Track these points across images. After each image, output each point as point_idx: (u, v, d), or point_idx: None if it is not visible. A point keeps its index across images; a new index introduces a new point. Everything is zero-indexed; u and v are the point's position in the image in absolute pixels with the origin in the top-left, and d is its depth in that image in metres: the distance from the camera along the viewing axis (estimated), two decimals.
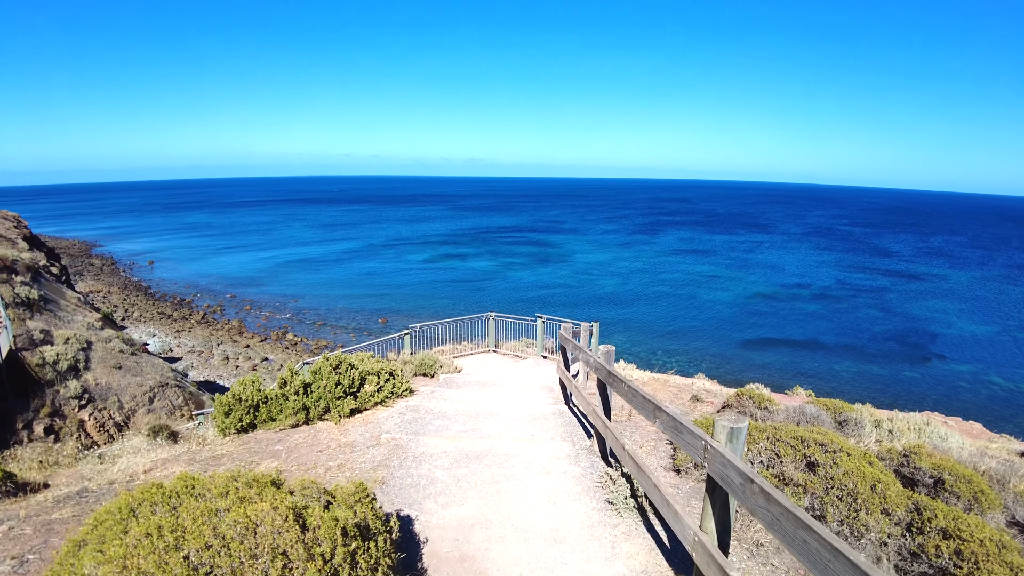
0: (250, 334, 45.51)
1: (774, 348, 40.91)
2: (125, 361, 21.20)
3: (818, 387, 23.16)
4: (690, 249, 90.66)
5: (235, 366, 39.01)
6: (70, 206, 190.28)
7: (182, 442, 6.52)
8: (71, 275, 63.48)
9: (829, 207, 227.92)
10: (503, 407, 7.30)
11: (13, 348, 19.76)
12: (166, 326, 47.48)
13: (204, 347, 42.92)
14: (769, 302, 54.38)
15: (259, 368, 38.60)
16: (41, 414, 19.34)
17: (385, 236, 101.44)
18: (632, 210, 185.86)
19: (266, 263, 71.60)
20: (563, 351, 7.78)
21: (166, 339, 44.21)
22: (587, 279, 64.27)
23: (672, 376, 13.15)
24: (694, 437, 2.98)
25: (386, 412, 7.02)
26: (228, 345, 43.38)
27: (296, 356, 40.08)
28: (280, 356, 40.81)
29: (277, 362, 39.28)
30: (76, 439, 17.43)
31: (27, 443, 18.55)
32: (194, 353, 41.54)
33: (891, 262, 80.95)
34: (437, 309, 49.40)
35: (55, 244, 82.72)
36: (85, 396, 19.44)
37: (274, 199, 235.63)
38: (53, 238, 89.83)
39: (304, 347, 42.37)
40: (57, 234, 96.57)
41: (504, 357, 14.52)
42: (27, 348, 20.24)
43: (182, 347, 42.86)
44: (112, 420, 19.69)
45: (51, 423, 19.30)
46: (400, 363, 10.28)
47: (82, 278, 61.86)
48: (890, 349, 41.57)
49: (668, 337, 42.89)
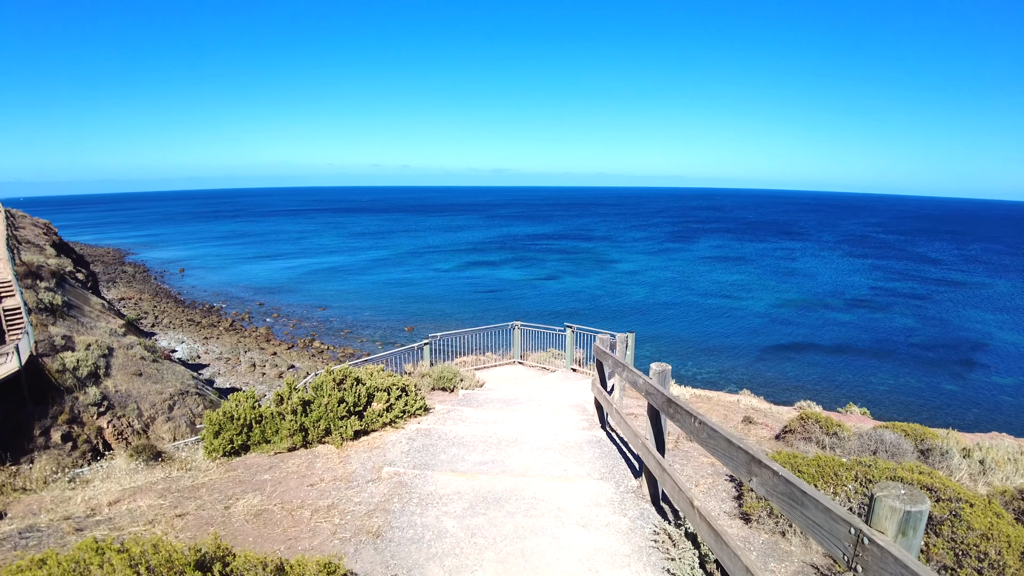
0: (277, 342, 45.39)
1: (811, 359, 39.03)
2: (146, 368, 20.81)
3: (867, 403, 21.43)
4: (723, 256, 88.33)
5: (261, 373, 38.84)
6: (110, 215, 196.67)
7: (163, 465, 5.69)
8: (103, 282, 64.97)
9: (862, 215, 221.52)
10: (529, 432, 6.25)
11: (34, 354, 19.55)
12: (194, 333, 47.70)
13: (231, 354, 42.88)
14: (805, 312, 52.15)
15: (285, 376, 38.36)
16: (59, 421, 19.02)
17: (413, 245, 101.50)
18: (663, 218, 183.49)
19: (295, 271, 71.98)
20: (599, 366, 6.69)
21: (194, 346, 44.34)
22: (616, 288, 62.81)
23: (715, 393, 11.93)
24: (833, 520, 1.84)
25: (395, 435, 6.05)
26: (255, 352, 43.28)
27: (322, 364, 39.73)
28: (307, 364, 40.47)
29: (304, 370, 38.98)
30: (81, 451, 16.98)
31: (43, 450, 18.23)
32: (221, 360, 41.49)
33: (929, 269, 77.63)
34: (464, 317, 48.65)
35: (90, 252, 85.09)
36: (104, 403, 19.08)
37: (305, 209, 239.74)
38: (89, 246, 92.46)
39: (331, 355, 42.03)
40: (93, 242, 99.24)
41: (530, 369, 13.57)
42: (48, 354, 20.02)
43: (209, 354, 42.88)
44: (131, 428, 19.27)
45: (69, 430, 18.97)
46: (417, 376, 9.39)
47: (115, 285, 63.02)
48: (928, 358, 39.51)
49: (702, 348, 41.17)
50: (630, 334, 10.36)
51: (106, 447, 18.52)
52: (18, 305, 20.41)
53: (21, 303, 20.50)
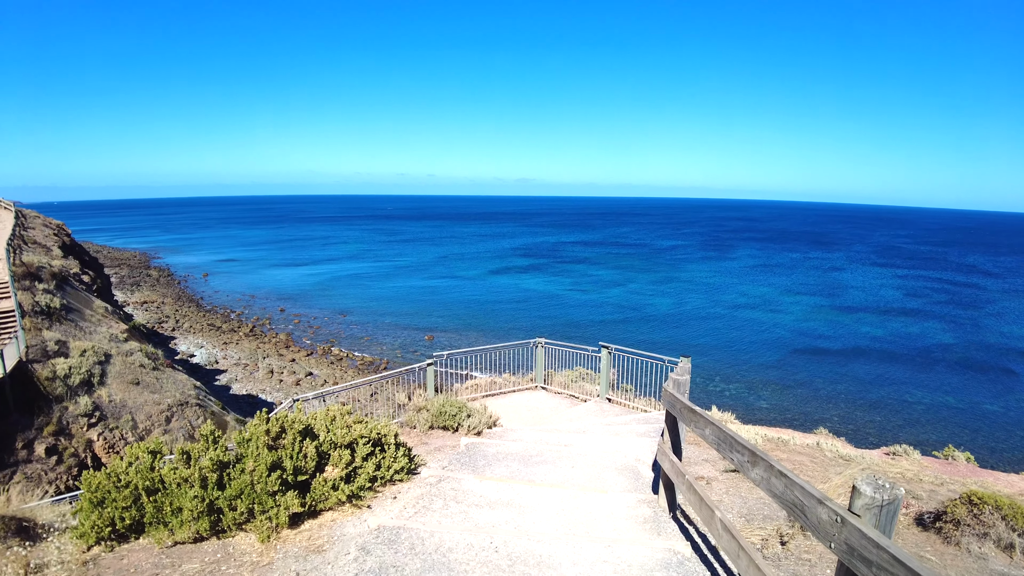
0: (296, 348, 44.35)
1: (879, 383, 35.26)
2: (144, 376, 19.32)
3: (964, 444, 18.62)
4: (760, 265, 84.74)
5: (279, 380, 37.75)
6: (140, 219, 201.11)
7: (7, 556, 3.78)
8: (127, 285, 64.96)
9: (893, 227, 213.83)
10: (562, 537, 4.06)
11: (23, 359, 18.13)
12: (214, 338, 46.93)
13: (250, 360, 41.89)
14: (861, 329, 48.47)
15: (303, 383, 37.07)
16: (45, 433, 17.45)
17: (437, 253, 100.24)
18: (696, 228, 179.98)
19: (318, 278, 71.24)
20: (671, 423, 4.45)
21: (213, 351, 43.53)
22: (641, 300, 60.01)
23: (788, 433, 9.55)
24: None
25: (355, 527, 3.96)
26: (273, 359, 42.22)
27: (341, 371, 38.38)
28: (325, 371, 39.21)
29: (321, 377, 37.73)
30: (67, 466, 15.38)
31: (25, 464, 16.72)
32: (239, 366, 40.51)
33: (977, 278, 72.82)
34: (487, 328, 46.77)
35: (116, 256, 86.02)
36: (96, 414, 17.53)
37: (331, 216, 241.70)
38: (116, 249, 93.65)
39: (349, 363, 40.81)
40: (122, 245, 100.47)
41: (555, 397, 11.56)
42: (39, 360, 18.60)
43: (228, 359, 41.97)
44: (124, 440, 17.67)
45: (55, 443, 17.38)
46: (412, 410, 7.34)
47: (139, 288, 63.19)
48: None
49: (746, 369, 37.87)
50: (685, 358, 8.11)
51: (96, 462, 16.95)
52: (11, 308, 19.12)
53: (15, 305, 19.21)
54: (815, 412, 30.09)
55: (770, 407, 31.31)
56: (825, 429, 10.72)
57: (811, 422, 24.01)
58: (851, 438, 11.71)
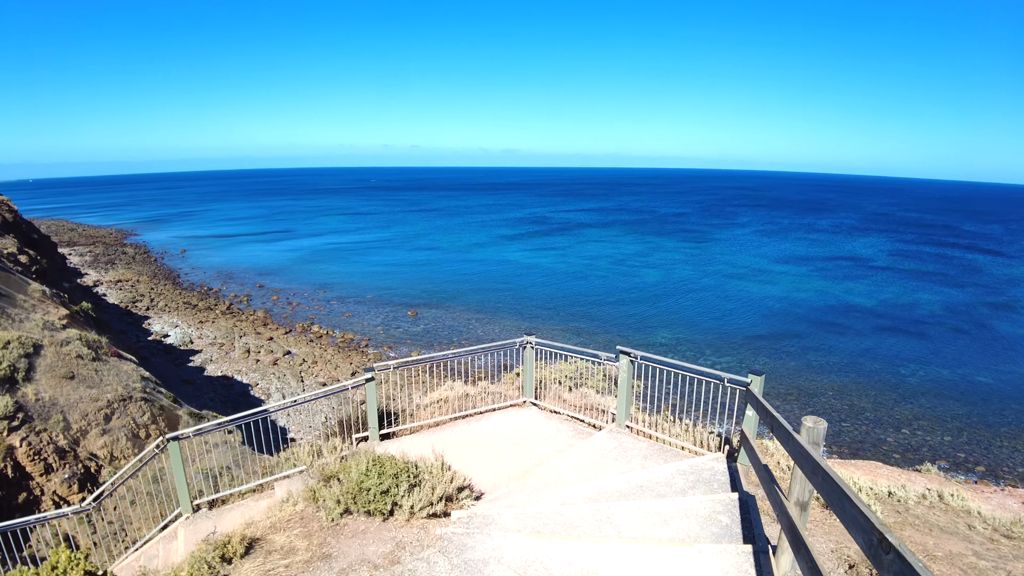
0: (275, 326, 42.35)
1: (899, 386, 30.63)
2: (81, 369, 17.10)
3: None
4: (766, 233, 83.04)
5: (255, 360, 35.88)
6: (119, 196, 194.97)
7: None
8: (101, 264, 61.99)
9: (886, 196, 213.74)
10: None
11: None
12: (190, 316, 44.77)
13: (226, 339, 39.85)
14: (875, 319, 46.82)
15: (280, 363, 35.12)
16: None
17: (423, 226, 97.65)
18: (695, 197, 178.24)
19: (299, 253, 68.86)
20: (793, 540, 2.22)
21: (188, 330, 41.43)
22: (663, 288, 58.09)
23: (881, 469, 7.40)
24: None
25: None
26: (251, 337, 40.19)
27: (320, 350, 36.53)
28: (304, 350, 37.32)
29: (299, 356, 35.84)
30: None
31: None
32: (215, 345, 38.50)
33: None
34: (471, 304, 44.87)
35: (91, 233, 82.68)
36: (19, 415, 15.33)
37: (314, 189, 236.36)
38: (92, 227, 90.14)
39: (330, 340, 38.94)
40: (98, 223, 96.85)
41: (552, 419, 8.64)
42: None
43: (203, 339, 39.94)
44: (53, 445, 15.52)
45: None
46: (316, 477, 4.99)
47: (113, 267, 60.83)
48: None
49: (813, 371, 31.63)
50: (756, 376, 5.95)
51: (19, 471, 14.76)
52: None
53: None
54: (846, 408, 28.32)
55: (855, 422, 29.49)
56: (932, 466, 8.71)
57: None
58: (955, 466, 9.72)
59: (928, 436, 22.70)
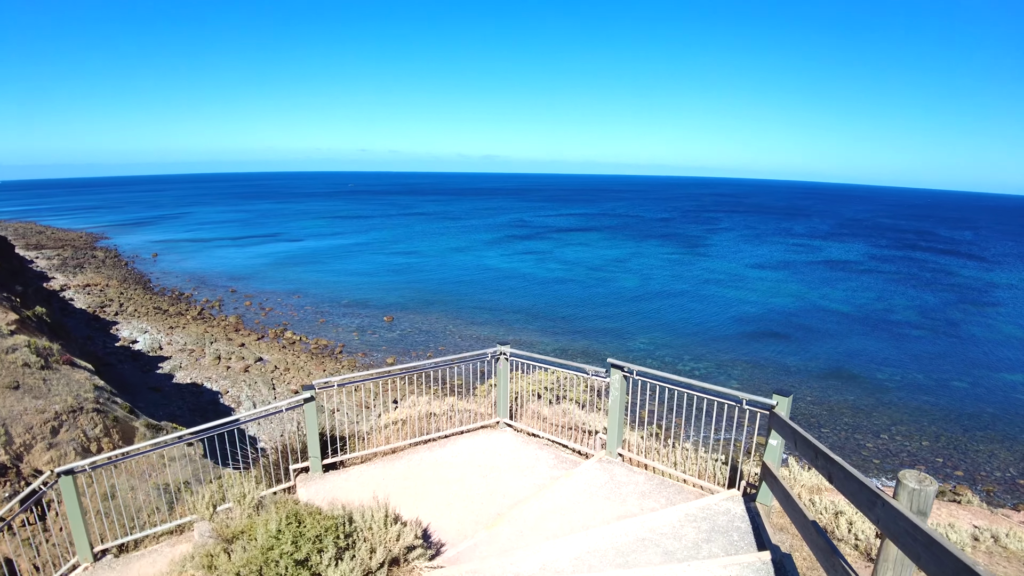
0: (247, 331, 41.11)
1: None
2: (27, 378, 16.10)
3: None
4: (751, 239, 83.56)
5: (226, 367, 34.71)
6: (90, 199, 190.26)
7: None
8: (70, 267, 60.02)
9: (864, 204, 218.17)
10: None
11: None
12: (160, 322, 43.38)
13: (196, 345, 38.59)
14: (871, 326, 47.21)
15: (251, 369, 34.04)
16: None
17: (399, 231, 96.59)
18: (678, 204, 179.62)
19: (273, 257, 67.49)
20: None
21: (157, 336, 40.09)
22: (649, 295, 57.93)
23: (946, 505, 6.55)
24: None
25: None
26: (222, 343, 38.96)
27: (293, 356, 35.49)
28: (276, 356, 36.22)
29: (271, 363, 34.78)
30: None
31: None
32: (184, 352, 37.23)
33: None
34: (449, 309, 44.11)
35: (61, 236, 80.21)
36: None
37: (291, 193, 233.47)
38: (62, 230, 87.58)
39: (303, 346, 37.90)
40: (68, 226, 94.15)
41: (529, 444, 7.55)
42: None
43: (173, 345, 38.64)
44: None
45: None
46: (211, 537, 4.18)
47: (82, 271, 59.01)
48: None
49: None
50: (782, 397, 5.04)
51: None
52: None
53: None
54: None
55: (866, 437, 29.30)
56: (973, 495, 8.13)
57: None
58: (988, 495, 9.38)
59: (907, 442, 22.65)
